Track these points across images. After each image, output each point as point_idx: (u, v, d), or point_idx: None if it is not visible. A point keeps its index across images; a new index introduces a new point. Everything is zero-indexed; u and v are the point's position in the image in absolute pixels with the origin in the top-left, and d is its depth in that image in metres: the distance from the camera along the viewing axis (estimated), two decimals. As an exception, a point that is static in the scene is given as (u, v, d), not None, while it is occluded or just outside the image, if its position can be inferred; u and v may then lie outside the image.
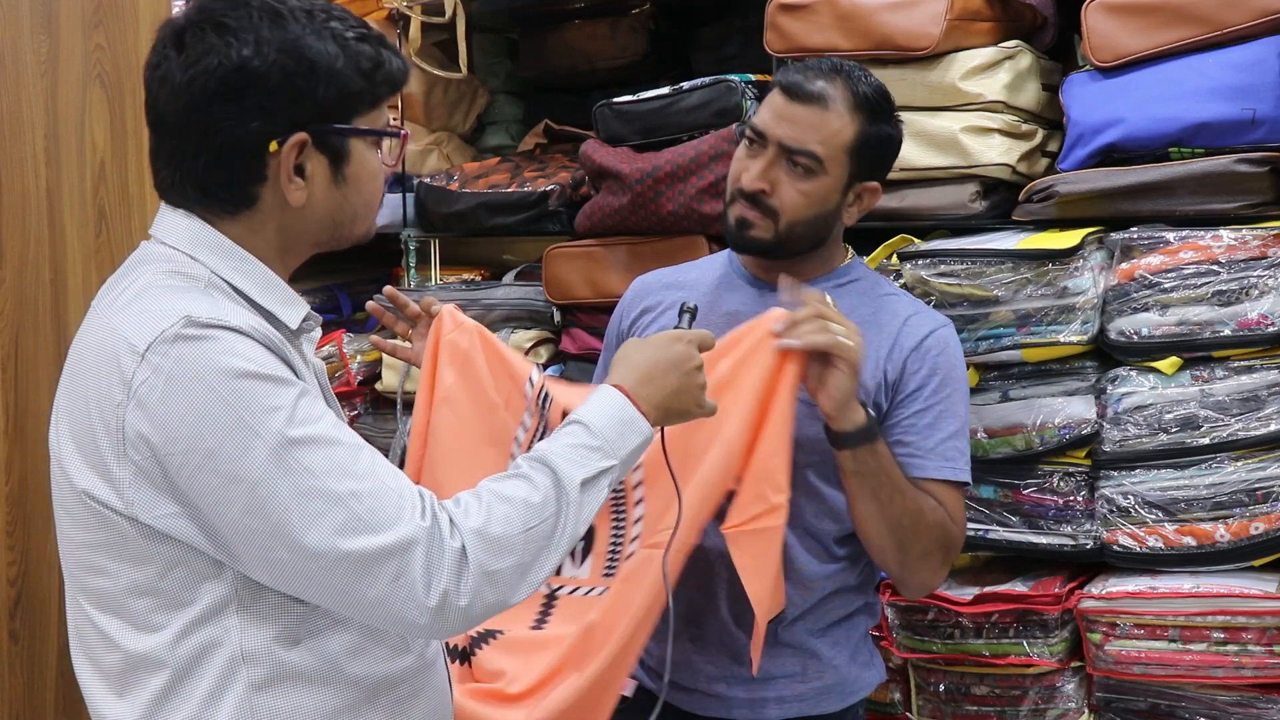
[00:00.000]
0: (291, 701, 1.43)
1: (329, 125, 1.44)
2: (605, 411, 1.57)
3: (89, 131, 3.05)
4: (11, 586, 2.94)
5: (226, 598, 1.41)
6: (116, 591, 1.42)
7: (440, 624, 1.40)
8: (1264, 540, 2.27)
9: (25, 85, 2.99)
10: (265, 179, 1.44)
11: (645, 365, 1.66)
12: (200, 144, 1.42)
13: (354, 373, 3.13)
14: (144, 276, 1.45)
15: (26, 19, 2.98)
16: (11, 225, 2.99)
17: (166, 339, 1.36)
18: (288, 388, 1.38)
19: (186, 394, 1.35)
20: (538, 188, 3.03)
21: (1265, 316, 2.26)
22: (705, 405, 1.71)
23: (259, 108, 1.40)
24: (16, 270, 3.00)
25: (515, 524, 1.43)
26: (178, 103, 1.41)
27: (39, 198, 3.01)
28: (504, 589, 1.42)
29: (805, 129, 2.00)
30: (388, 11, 3.23)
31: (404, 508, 1.39)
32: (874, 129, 2.04)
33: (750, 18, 2.88)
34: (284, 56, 1.40)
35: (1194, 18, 2.40)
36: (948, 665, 2.47)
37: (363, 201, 1.51)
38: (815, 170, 2.01)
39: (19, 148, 3.00)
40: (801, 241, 2.06)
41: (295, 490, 1.35)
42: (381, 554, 1.36)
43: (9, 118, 2.99)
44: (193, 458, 1.35)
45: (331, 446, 1.38)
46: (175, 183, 1.46)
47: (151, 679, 1.42)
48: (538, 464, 1.49)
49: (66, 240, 3.04)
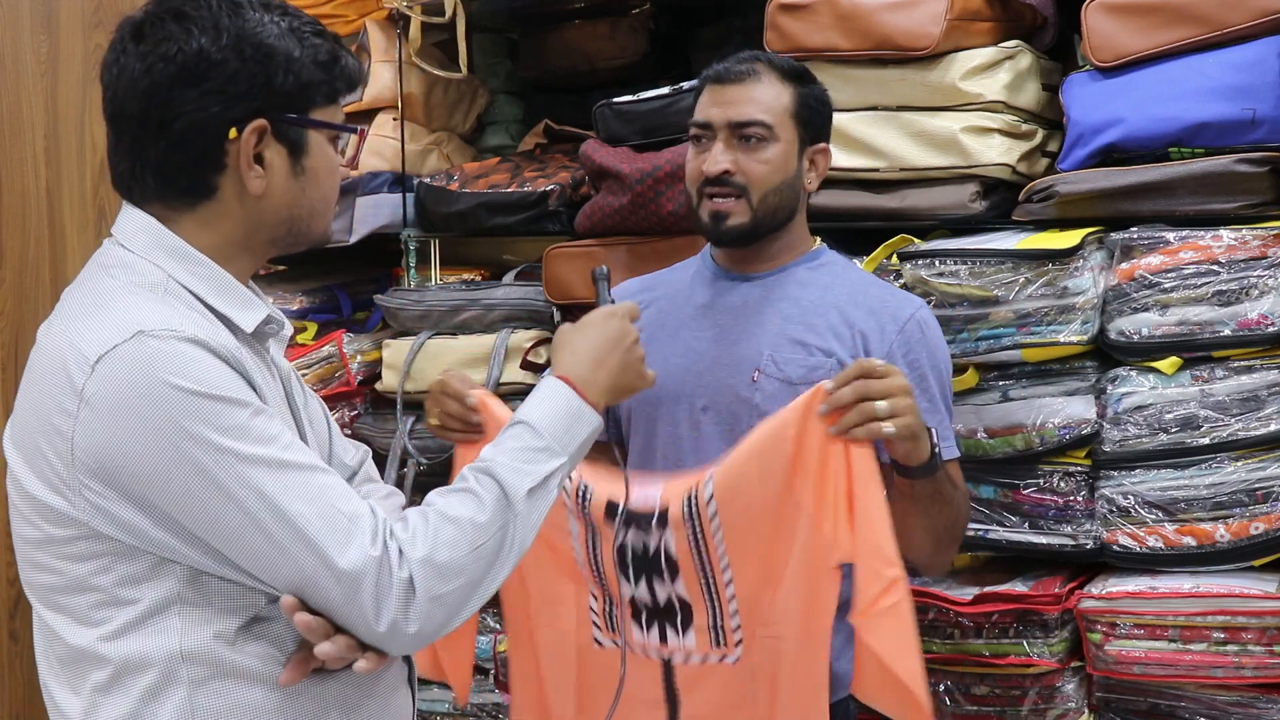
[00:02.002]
0: (234, 699, 1.43)
1: (287, 115, 1.46)
2: (551, 407, 1.56)
3: (89, 131, 3.05)
4: (11, 586, 2.94)
5: (169, 598, 1.41)
6: (60, 587, 1.43)
7: (391, 646, 1.42)
8: (1264, 540, 2.27)
9: (25, 85, 2.99)
10: (224, 167, 1.45)
11: (588, 350, 1.64)
12: (159, 131, 1.43)
13: (354, 373, 3.13)
14: (101, 282, 1.46)
15: (26, 19, 2.98)
16: (11, 225, 3.00)
17: (118, 351, 1.36)
18: (239, 408, 1.38)
19: (135, 408, 1.35)
20: (538, 188, 3.03)
21: (1265, 316, 2.26)
22: (646, 377, 1.72)
23: (218, 93, 1.42)
24: (16, 270, 3.00)
25: (462, 546, 1.43)
26: (136, 90, 1.43)
27: (39, 198, 3.01)
28: (453, 608, 1.43)
29: (745, 103, 2.10)
30: (388, 11, 3.23)
31: (353, 533, 1.39)
32: (807, 90, 2.14)
33: (750, 18, 2.88)
34: (243, 44, 1.43)
35: (1194, 18, 2.40)
36: (948, 665, 2.46)
37: (320, 196, 1.52)
38: (768, 137, 2.10)
39: (19, 148, 3.00)
40: (776, 214, 2.12)
41: (242, 512, 1.36)
42: (330, 577, 1.38)
43: (9, 118, 2.99)
44: (141, 472, 1.36)
45: (282, 470, 1.38)
46: (135, 175, 1.47)
47: (93, 672, 1.43)
48: (484, 476, 1.48)
49: (66, 240, 3.04)
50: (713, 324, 2.14)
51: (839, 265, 2.20)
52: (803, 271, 2.15)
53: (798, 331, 2.09)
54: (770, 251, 2.16)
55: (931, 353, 2.10)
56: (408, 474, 2.99)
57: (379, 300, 3.18)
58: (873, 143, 2.60)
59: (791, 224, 2.16)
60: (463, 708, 2.94)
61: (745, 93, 2.10)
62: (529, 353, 3.01)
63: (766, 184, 2.10)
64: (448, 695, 2.99)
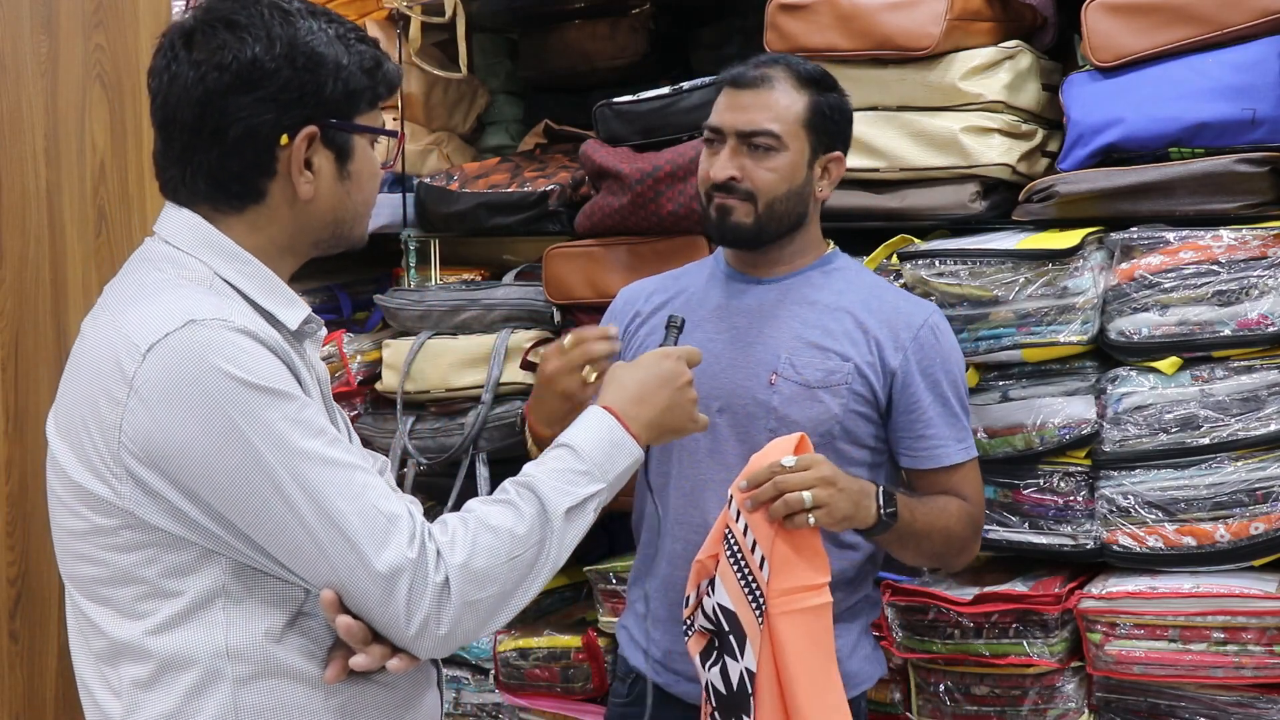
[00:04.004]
0: (278, 698, 1.44)
1: (335, 121, 1.49)
2: (593, 434, 1.59)
3: (89, 131, 3.05)
4: (11, 586, 2.94)
5: (214, 591, 1.42)
6: (103, 579, 1.44)
7: (420, 647, 1.43)
8: (1264, 540, 2.27)
9: (25, 85, 2.99)
10: (275, 173, 1.48)
11: (635, 385, 1.68)
12: (213, 138, 1.45)
13: (354, 373, 3.13)
14: (148, 275, 1.47)
15: (26, 19, 2.98)
16: (11, 225, 3.00)
17: (170, 339, 1.37)
18: (288, 400, 1.39)
19: (186, 396, 1.36)
20: (538, 188, 3.03)
21: (1265, 316, 2.26)
22: (698, 420, 1.75)
23: (271, 101, 1.45)
24: (16, 270, 3.00)
25: (499, 554, 1.45)
26: (190, 97, 1.45)
27: (39, 198, 3.01)
28: (484, 616, 1.45)
29: (757, 111, 2.10)
30: (388, 11, 3.23)
31: (392, 534, 1.40)
32: (823, 99, 2.14)
33: (750, 18, 2.88)
34: (295, 52, 1.45)
35: (1194, 18, 2.40)
36: (948, 665, 2.47)
37: (363, 199, 1.56)
38: (776, 147, 2.10)
39: (19, 148, 3.00)
40: (783, 220, 2.13)
41: (286, 504, 1.37)
42: (366, 577, 1.39)
43: (9, 118, 2.99)
44: (188, 460, 1.37)
45: (326, 465, 1.40)
46: (185, 179, 1.48)
47: (134, 667, 1.43)
48: (525, 490, 1.51)
49: (66, 240, 3.04)
50: (728, 326, 2.15)
51: (852, 270, 2.22)
52: (817, 275, 2.17)
53: (814, 335, 2.11)
54: (782, 256, 2.17)
55: (945, 358, 2.12)
56: (408, 474, 3.00)
57: (379, 300, 3.19)
58: (873, 143, 2.60)
59: (803, 230, 2.17)
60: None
61: (758, 99, 2.10)
62: (529, 353, 3.01)
63: (772, 192, 2.11)
64: (447, 695, 3.00)
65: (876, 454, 2.13)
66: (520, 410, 3.02)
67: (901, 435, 2.11)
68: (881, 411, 2.11)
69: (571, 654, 2.86)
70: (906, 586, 2.47)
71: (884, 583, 2.46)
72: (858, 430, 2.09)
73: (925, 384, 2.09)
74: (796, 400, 2.06)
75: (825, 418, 2.07)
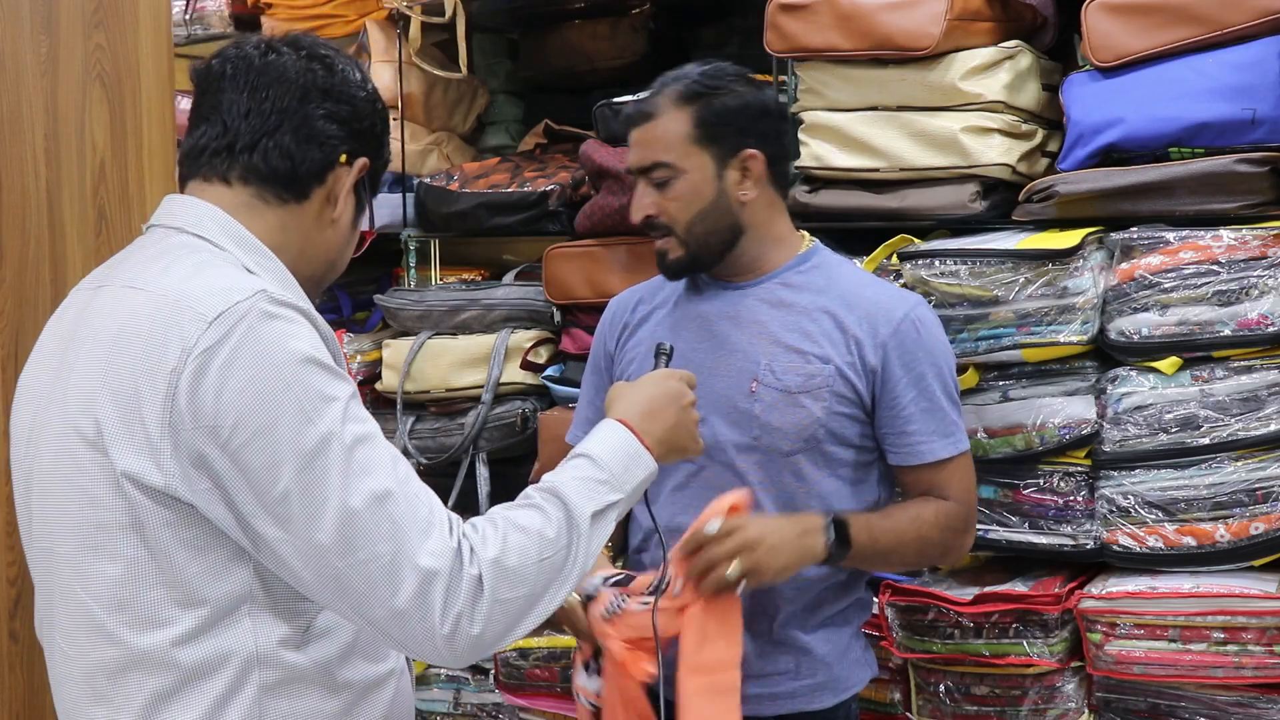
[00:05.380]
0: (298, 705, 1.44)
1: (374, 170, 1.59)
2: (611, 445, 1.59)
3: (89, 131, 3.04)
4: (11, 586, 2.94)
5: (240, 596, 1.40)
6: (125, 579, 1.40)
7: (450, 649, 1.41)
8: (1264, 540, 2.27)
9: (25, 85, 2.99)
10: (323, 183, 1.53)
11: (644, 401, 1.68)
12: (296, 127, 1.51)
13: (354, 373, 3.13)
14: (188, 257, 1.46)
15: (26, 19, 2.98)
16: (11, 225, 2.99)
17: (239, 309, 1.38)
18: (344, 383, 1.41)
19: (249, 368, 1.36)
20: (538, 188, 3.03)
21: (1265, 316, 2.26)
22: (699, 442, 1.76)
23: (347, 122, 1.54)
24: (16, 270, 3.00)
25: (530, 554, 1.45)
26: (286, 77, 1.51)
27: (39, 198, 3.01)
28: (514, 617, 1.44)
29: (646, 147, 2.11)
30: (388, 12, 3.23)
31: (433, 522, 1.40)
32: (708, 108, 2.09)
33: (750, 18, 2.88)
34: (376, 98, 1.59)
35: (1194, 18, 2.40)
36: (948, 665, 2.47)
37: (349, 253, 1.62)
38: (672, 176, 2.09)
39: (19, 148, 2.99)
40: (712, 239, 2.11)
41: (342, 481, 1.36)
42: (409, 562, 1.38)
43: (9, 118, 2.98)
44: (242, 432, 1.35)
45: (378, 448, 1.41)
46: (236, 151, 1.50)
47: (150, 680, 1.40)
48: (550, 495, 1.51)
49: (66, 240, 3.04)
50: (708, 334, 2.13)
51: (832, 265, 2.17)
52: (793, 275, 2.13)
53: (793, 339, 2.08)
54: (743, 264, 2.14)
55: (929, 351, 2.09)
56: (408, 474, 2.99)
57: (379, 300, 3.19)
58: (873, 143, 2.60)
59: (752, 235, 2.12)
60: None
61: (645, 134, 2.12)
62: (529, 353, 3.01)
63: (685, 218, 2.09)
64: (447, 695, 3.00)
65: (865, 453, 2.11)
66: (520, 410, 3.02)
67: (885, 432, 2.09)
68: (868, 410, 2.08)
69: (571, 654, 2.86)
70: (906, 586, 2.47)
71: (884, 583, 2.46)
72: (844, 432, 2.07)
73: (907, 379, 2.06)
74: (778, 407, 2.04)
75: (808, 422, 2.05)
